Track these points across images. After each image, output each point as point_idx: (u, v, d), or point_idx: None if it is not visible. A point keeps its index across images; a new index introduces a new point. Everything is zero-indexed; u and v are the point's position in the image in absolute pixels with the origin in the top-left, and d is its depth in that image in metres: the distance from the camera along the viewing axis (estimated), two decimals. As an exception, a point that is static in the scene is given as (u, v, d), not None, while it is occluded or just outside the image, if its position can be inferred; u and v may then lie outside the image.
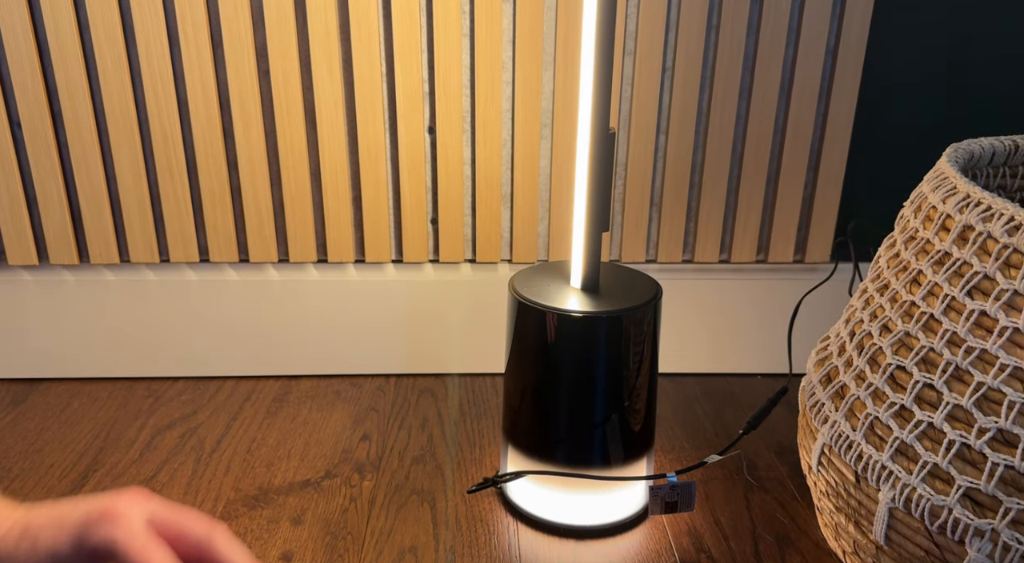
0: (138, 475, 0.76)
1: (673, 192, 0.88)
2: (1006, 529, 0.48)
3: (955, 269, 0.53)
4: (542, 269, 0.74)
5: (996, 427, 0.49)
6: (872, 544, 0.58)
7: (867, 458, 0.56)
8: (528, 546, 0.68)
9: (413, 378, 0.95)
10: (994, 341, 0.49)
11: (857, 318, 0.62)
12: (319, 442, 0.82)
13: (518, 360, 0.70)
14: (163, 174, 0.85)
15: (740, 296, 0.93)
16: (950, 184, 0.56)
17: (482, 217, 0.89)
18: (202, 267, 0.90)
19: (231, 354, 0.93)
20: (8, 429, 0.83)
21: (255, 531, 0.68)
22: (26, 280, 0.89)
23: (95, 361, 0.92)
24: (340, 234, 0.88)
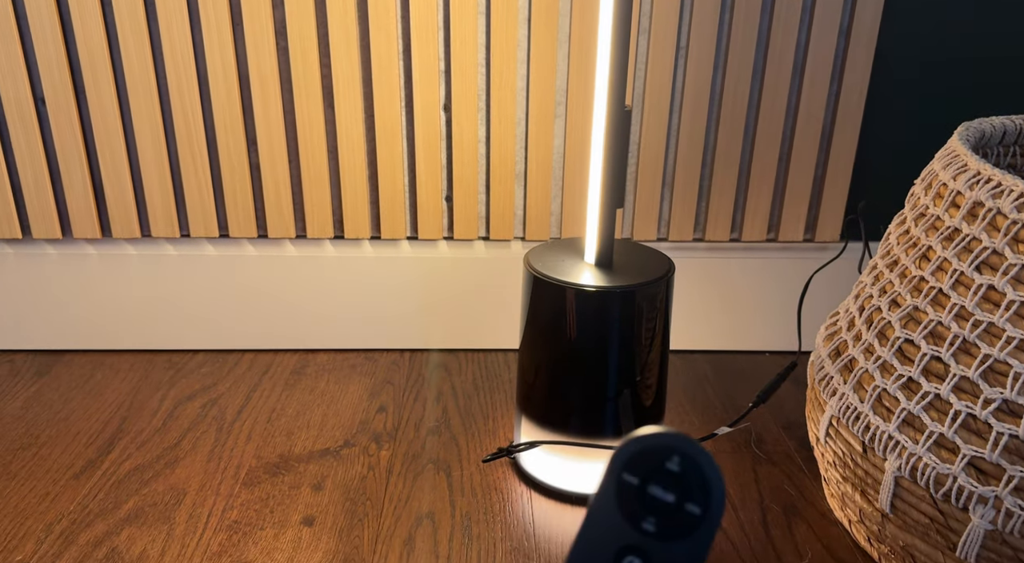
0: (162, 443, 0.78)
1: (685, 171, 0.90)
2: (1009, 496, 0.50)
3: (964, 245, 0.54)
4: (556, 245, 0.75)
5: (1001, 398, 0.51)
6: (878, 512, 0.59)
7: (874, 429, 0.58)
8: (541, 513, 0.70)
9: (427, 353, 0.96)
10: (1001, 314, 0.51)
11: (866, 293, 0.64)
12: (337, 413, 0.84)
13: (532, 334, 0.72)
14: (183, 150, 0.86)
15: (750, 274, 0.94)
16: (961, 162, 0.57)
17: (496, 195, 0.90)
18: (221, 242, 0.91)
19: (249, 328, 0.95)
20: (34, 398, 0.85)
21: (277, 496, 0.71)
22: (50, 253, 0.91)
23: (117, 333, 0.94)
24: (356, 210, 0.90)
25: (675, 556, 0.25)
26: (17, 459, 0.75)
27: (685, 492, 0.25)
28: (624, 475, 0.25)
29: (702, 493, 0.25)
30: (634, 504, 0.25)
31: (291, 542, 0.66)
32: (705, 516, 0.24)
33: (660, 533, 0.25)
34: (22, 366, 0.91)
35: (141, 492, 0.71)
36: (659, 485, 0.25)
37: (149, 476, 0.73)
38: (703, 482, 0.24)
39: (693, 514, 0.24)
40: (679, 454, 0.25)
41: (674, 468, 0.25)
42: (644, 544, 0.25)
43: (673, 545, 0.25)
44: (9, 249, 0.90)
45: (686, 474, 0.24)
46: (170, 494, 0.71)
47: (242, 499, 0.70)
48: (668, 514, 0.25)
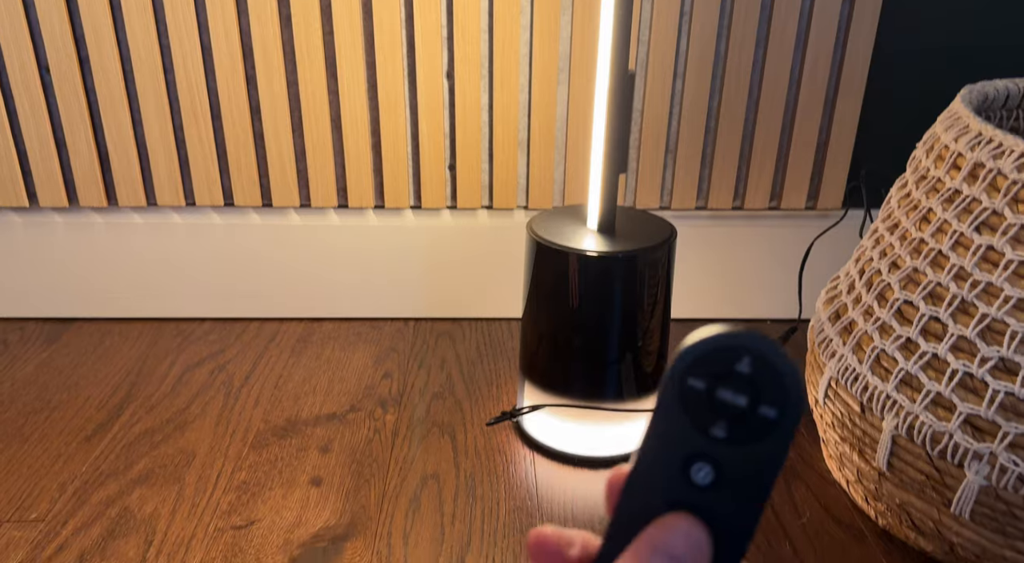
0: (171, 407, 0.79)
1: (688, 138, 0.90)
2: (1004, 452, 0.51)
3: (964, 206, 0.54)
4: (559, 212, 0.76)
5: (998, 356, 0.51)
6: (875, 471, 0.60)
7: (872, 389, 0.59)
8: (544, 474, 0.71)
9: (431, 321, 0.97)
10: (999, 274, 0.51)
11: (867, 257, 0.64)
12: (343, 379, 0.85)
13: (536, 299, 0.72)
14: (188, 119, 0.87)
15: (752, 243, 0.95)
16: (963, 124, 0.57)
17: (499, 163, 0.90)
18: (227, 211, 0.92)
19: (256, 296, 0.96)
20: (45, 364, 0.86)
21: (285, 458, 0.72)
22: (57, 222, 0.91)
23: (125, 302, 0.95)
24: (360, 179, 0.90)
25: (749, 461, 0.23)
26: (30, 422, 0.77)
27: (759, 394, 0.23)
28: (689, 379, 0.23)
29: (778, 394, 0.22)
30: (702, 410, 0.23)
31: (299, 501, 0.67)
32: (782, 418, 0.23)
33: (732, 438, 0.23)
34: (32, 333, 0.93)
35: (151, 454, 0.72)
36: (729, 388, 0.23)
37: (159, 439, 0.74)
38: (778, 382, 0.22)
39: (768, 417, 0.23)
40: (750, 354, 0.23)
41: (745, 370, 0.23)
42: (714, 450, 0.23)
43: (746, 450, 0.23)
44: (16, 217, 0.91)
45: (758, 375, 0.23)
46: (180, 456, 0.72)
47: (250, 461, 0.72)
48: (740, 418, 0.23)
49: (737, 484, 0.23)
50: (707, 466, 0.24)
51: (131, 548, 0.62)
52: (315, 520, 0.65)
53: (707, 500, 0.24)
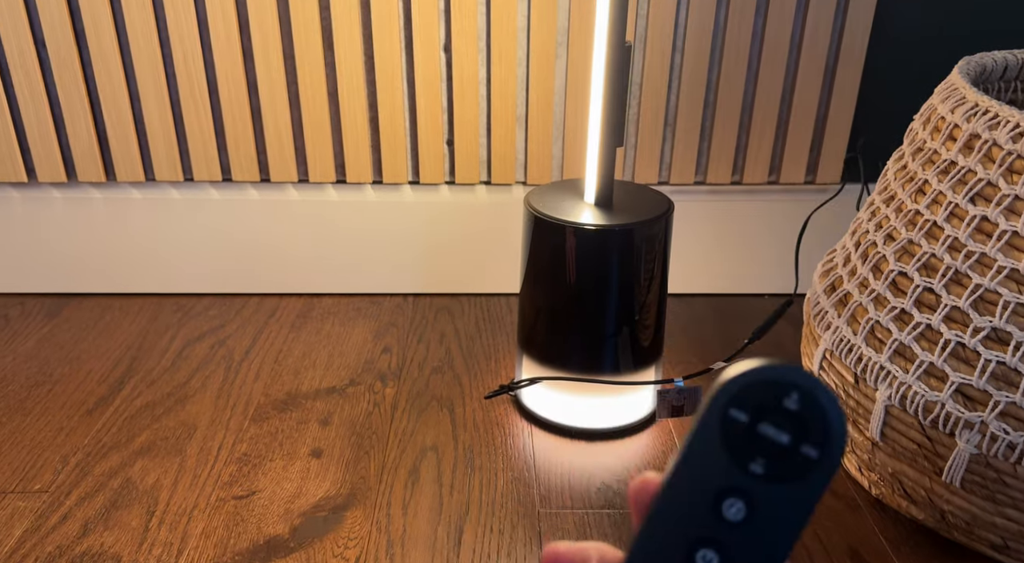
0: (172, 381, 0.80)
1: (687, 111, 0.89)
2: (995, 421, 0.51)
3: (959, 177, 0.55)
4: (557, 186, 0.76)
5: (991, 326, 0.52)
6: (868, 441, 0.61)
7: (866, 360, 0.59)
8: (541, 446, 0.72)
9: (430, 297, 0.98)
10: (993, 245, 0.51)
11: (863, 229, 0.64)
12: (342, 354, 0.85)
13: (533, 273, 0.73)
14: (185, 95, 0.87)
15: (751, 217, 0.95)
16: (960, 95, 0.57)
17: (497, 138, 0.90)
18: (225, 186, 0.92)
19: (255, 272, 0.96)
20: (46, 339, 0.87)
21: (286, 431, 0.73)
22: (55, 197, 0.92)
23: (124, 277, 0.96)
24: (358, 155, 0.90)
25: (784, 500, 0.22)
26: (32, 396, 0.77)
27: (802, 433, 0.22)
28: (731, 410, 0.22)
29: (822, 435, 0.22)
30: (741, 443, 0.23)
31: (300, 472, 0.68)
32: (822, 459, 0.22)
33: (769, 475, 0.22)
34: (33, 308, 0.93)
35: (153, 427, 0.73)
36: (772, 424, 0.22)
37: (160, 412, 0.75)
38: (823, 423, 0.22)
39: (809, 457, 0.22)
40: (799, 390, 0.22)
41: (792, 406, 0.22)
42: (749, 486, 0.23)
43: (782, 489, 0.22)
44: (15, 192, 0.91)
45: (804, 413, 0.22)
46: (181, 429, 0.73)
47: (251, 433, 0.72)
48: (780, 456, 0.22)
49: (768, 523, 0.23)
50: (740, 502, 0.23)
51: (134, 518, 0.63)
52: (315, 490, 0.66)
53: (736, 537, 0.23)
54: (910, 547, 0.61)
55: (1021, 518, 0.53)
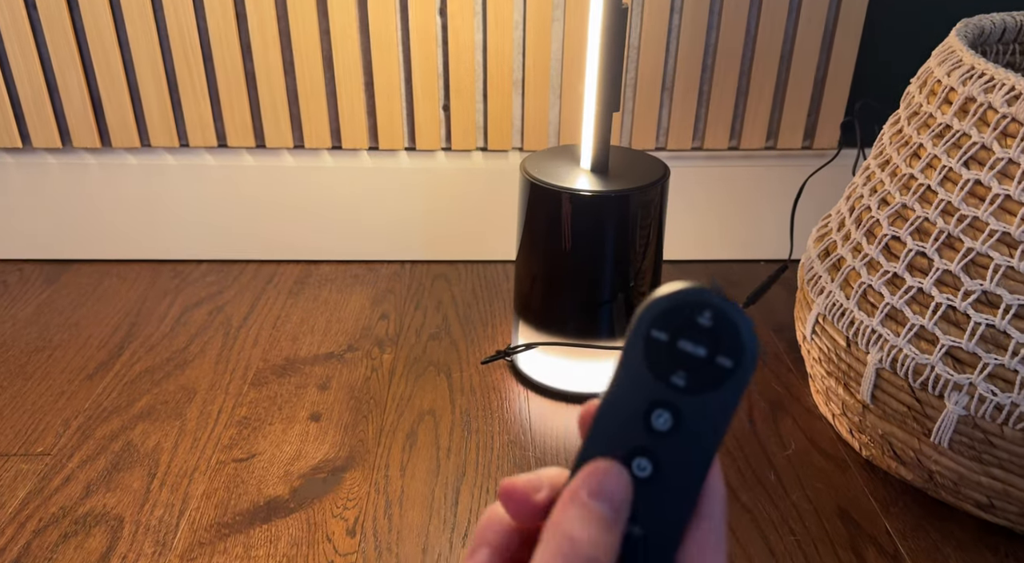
0: (171, 346, 0.80)
1: (685, 75, 0.89)
2: (983, 383, 0.52)
3: (954, 141, 0.55)
4: (553, 152, 0.76)
5: (981, 289, 0.52)
6: (859, 404, 0.62)
7: (858, 324, 0.60)
8: (537, 410, 0.73)
9: (427, 264, 0.98)
10: (985, 208, 0.52)
11: (858, 194, 0.65)
12: (340, 320, 0.86)
13: (529, 239, 0.73)
14: (179, 60, 0.86)
15: (748, 183, 0.95)
16: (956, 58, 0.57)
17: (493, 103, 0.90)
18: (220, 152, 0.92)
19: (252, 238, 0.96)
20: (45, 305, 0.87)
21: (284, 395, 0.73)
22: (50, 163, 0.91)
23: (122, 243, 0.96)
24: (353, 120, 0.90)
25: (706, 408, 0.25)
26: (32, 361, 0.78)
27: (717, 346, 0.24)
28: (653, 332, 0.25)
29: (734, 346, 0.24)
30: (663, 360, 0.25)
31: (299, 435, 0.69)
32: (737, 368, 0.24)
33: (690, 387, 0.25)
34: (31, 274, 0.93)
35: (153, 391, 0.74)
36: (689, 340, 0.24)
37: (160, 377, 0.76)
38: (735, 335, 0.24)
39: (724, 367, 0.24)
40: (710, 309, 0.24)
41: (705, 323, 0.24)
42: (674, 398, 0.25)
43: (704, 397, 0.25)
44: (10, 158, 0.91)
45: (717, 328, 0.24)
46: (181, 393, 0.74)
47: (250, 398, 0.73)
48: (699, 368, 0.25)
49: (693, 430, 0.25)
50: (666, 413, 0.25)
51: (135, 480, 0.64)
52: (315, 453, 0.67)
53: (665, 445, 0.25)
54: (899, 507, 0.62)
55: (1006, 477, 0.54)
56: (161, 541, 0.58)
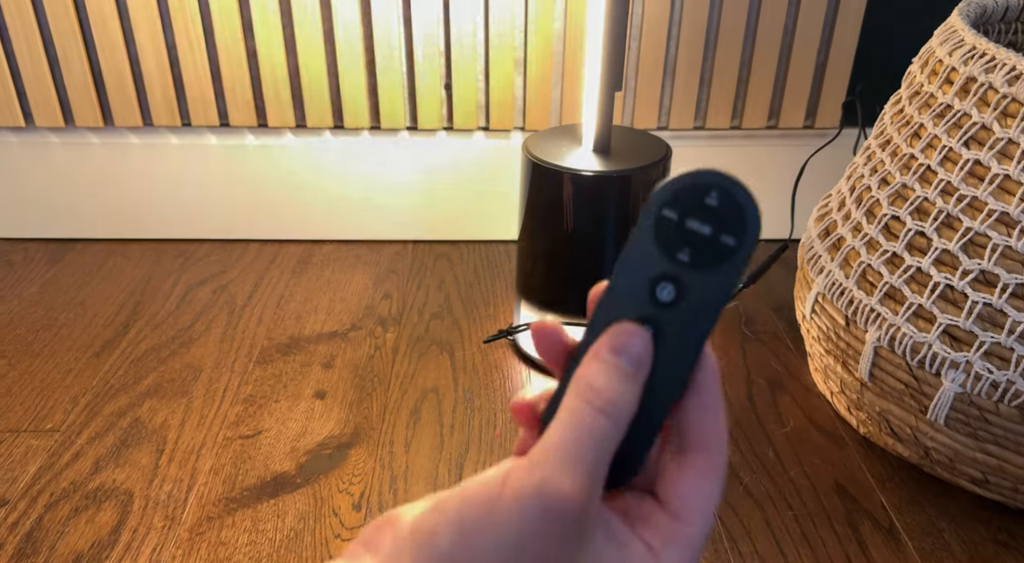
0: (176, 325, 0.81)
1: (688, 54, 0.89)
2: (979, 360, 0.53)
3: (954, 121, 0.55)
4: (555, 132, 0.76)
5: (979, 269, 0.53)
6: (857, 381, 0.63)
7: (857, 303, 0.60)
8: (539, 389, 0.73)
9: (429, 244, 0.98)
10: (984, 188, 0.52)
11: (858, 174, 0.65)
12: (343, 299, 0.86)
13: (531, 219, 0.73)
14: (181, 38, 0.86)
15: (749, 163, 0.95)
16: (958, 38, 0.57)
17: (496, 82, 0.90)
18: (223, 131, 0.92)
19: (255, 218, 0.96)
20: (50, 284, 0.88)
21: (289, 373, 0.74)
22: (53, 142, 0.92)
23: (125, 223, 0.96)
24: (355, 99, 0.90)
25: (707, 283, 0.26)
26: (39, 339, 0.79)
27: (721, 225, 0.26)
28: (664, 211, 0.26)
29: (738, 226, 0.26)
30: (671, 237, 0.27)
31: (304, 413, 0.70)
32: (738, 246, 0.26)
33: (694, 262, 0.26)
34: (36, 253, 0.94)
35: (159, 369, 0.75)
36: (697, 219, 0.26)
37: (166, 354, 0.77)
38: (739, 215, 0.26)
39: (727, 245, 0.26)
40: (717, 189, 0.26)
41: (712, 203, 0.26)
42: (678, 272, 0.27)
43: (706, 273, 0.26)
44: (14, 138, 0.91)
45: (723, 208, 0.26)
46: (187, 371, 0.74)
47: (256, 375, 0.74)
48: (703, 245, 0.26)
49: (694, 303, 0.27)
50: (670, 285, 0.27)
51: (144, 456, 0.65)
52: (320, 430, 0.68)
53: (668, 315, 0.27)
54: (895, 483, 0.63)
55: (1001, 453, 0.55)
56: (170, 516, 0.59)
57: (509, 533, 0.24)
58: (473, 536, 0.24)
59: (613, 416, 0.25)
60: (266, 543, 0.57)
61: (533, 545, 0.24)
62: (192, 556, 0.56)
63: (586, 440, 0.25)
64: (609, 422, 0.25)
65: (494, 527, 0.24)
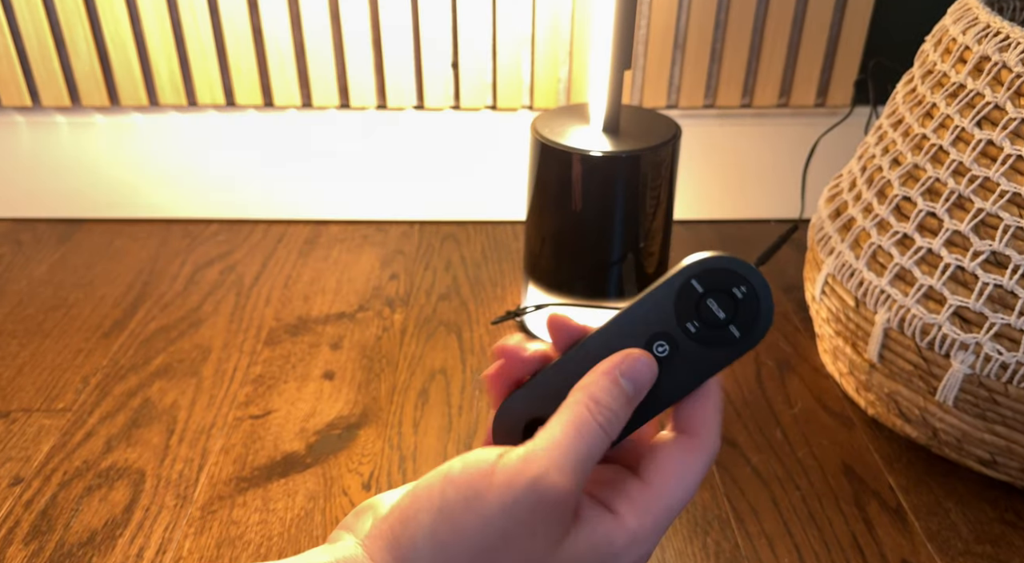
0: (184, 305, 0.81)
1: (698, 31, 0.88)
2: (989, 342, 0.53)
3: (967, 100, 0.54)
4: (563, 111, 0.75)
5: (990, 250, 0.52)
6: (866, 363, 0.63)
7: (867, 284, 0.60)
8: (547, 369, 0.74)
9: (436, 224, 0.98)
10: (997, 169, 0.52)
11: (869, 154, 0.64)
12: (351, 280, 0.87)
13: (539, 200, 0.73)
14: (186, 16, 0.85)
15: (760, 142, 0.94)
16: (972, 15, 0.56)
17: (503, 61, 0.89)
18: (228, 110, 0.92)
19: (261, 198, 0.96)
20: (59, 264, 0.88)
21: (298, 354, 0.75)
22: (59, 122, 0.91)
23: (132, 203, 0.96)
24: (361, 77, 0.89)
25: (699, 358, 0.29)
26: (49, 319, 0.79)
27: (736, 316, 0.28)
28: (693, 281, 0.29)
29: (750, 323, 0.28)
30: (689, 306, 0.29)
31: (313, 394, 0.70)
32: (741, 340, 0.28)
33: (698, 336, 0.29)
34: (44, 233, 0.94)
35: (168, 350, 0.75)
36: (718, 302, 0.29)
37: (175, 335, 0.77)
38: (756, 316, 0.28)
39: (733, 335, 0.29)
40: (748, 285, 0.28)
41: (738, 295, 0.28)
42: (680, 337, 0.29)
43: (702, 348, 0.29)
44: (20, 117, 0.91)
45: (745, 303, 0.28)
46: (196, 351, 0.75)
47: (264, 356, 0.74)
48: (713, 326, 0.29)
49: (681, 368, 0.29)
50: (667, 345, 0.29)
51: (155, 435, 0.65)
52: (329, 410, 0.68)
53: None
54: (902, 463, 0.63)
55: (1009, 434, 0.55)
56: (182, 494, 0.60)
57: (498, 517, 0.26)
58: (459, 516, 0.26)
59: (608, 431, 0.28)
60: (277, 522, 0.58)
61: (520, 531, 0.26)
62: (204, 534, 0.57)
63: (583, 447, 0.27)
64: (605, 435, 0.28)
65: (482, 510, 0.26)
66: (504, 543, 0.26)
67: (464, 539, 0.26)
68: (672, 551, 0.56)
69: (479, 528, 0.26)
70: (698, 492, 0.61)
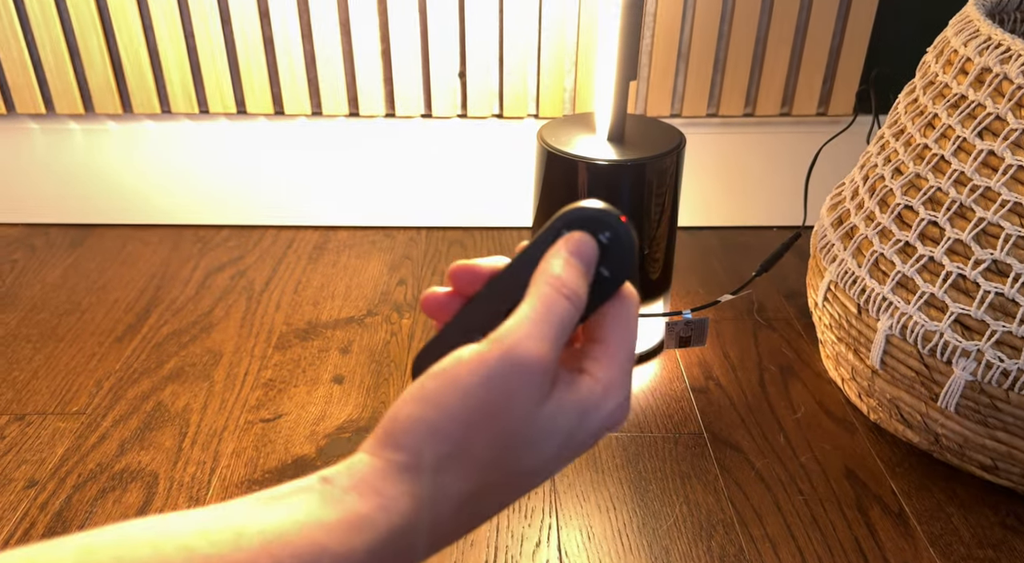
0: (196, 310, 0.82)
1: (701, 42, 0.89)
2: (990, 349, 0.54)
3: (969, 111, 0.55)
4: (569, 120, 0.76)
5: (991, 258, 0.53)
6: (868, 369, 0.63)
7: (870, 291, 0.61)
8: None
9: (443, 230, 0.99)
10: (998, 179, 0.53)
11: (872, 163, 0.65)
12: (359, 285, 0.88)
13: (545, 207, 0.74)
14: (199, 25, 0.87)
15: (762, 150, 0.95)
16: (973, 27, 0.57)
17: (509, 70, 0.90)
18: (239, 119, 0.93)
19: (271, 204, 0.98)
20: (72, 268, 0.90)
21: (308, 358, 0.76)
22: (73, 129, 0.93)
23: (143, 209, 0.97)
24: (370, 87, 0.90)
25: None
26: (63, 323, 0.80)
27: (604, 259, 0.30)
28: (563, 231, 0.30)
29: (618, 265, 0.30)
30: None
31: (323, 397, 0.71)
32: (611, 279, 0.30)
33: None
34: (57, 238, 0.95)
35: (180, 354, 0.76)
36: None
37: (187, 340, 0.78)
38: (621, 256, 0.30)
39: (603, 275, 0.30)
40: (612, 230, 0.30)
41: (603, 240, 0.30)
42: None
43: None
44: (35, 124, 0.92)
45: (611, 247, 0.30)
46: (208, 356, 0.76)
47: (275, 360, 0.75)
48: None
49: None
50: None
51: (167, 438, 0.66)
52: (339, 414, 0.69)
53: None
54: (904, 468, 0.64)
55: (1010, 440, 0.56)
56: (194, 496, 0.61)
57: (478, 388, 0.28)
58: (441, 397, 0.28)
59: (575, 302, 0.29)
60: (288, 523, 0.59)
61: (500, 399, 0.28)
62: (217, 536, 0.58)
63: (554, 318, 0.29)
64: (572, 306, 0.29)
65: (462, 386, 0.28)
66: (489, 412, 0.28)
67: (450, 416, 0.28)
68: (677, 554, 0.57)
69: (462, 403, 0.28)
70: (703, 495, 0.62)
